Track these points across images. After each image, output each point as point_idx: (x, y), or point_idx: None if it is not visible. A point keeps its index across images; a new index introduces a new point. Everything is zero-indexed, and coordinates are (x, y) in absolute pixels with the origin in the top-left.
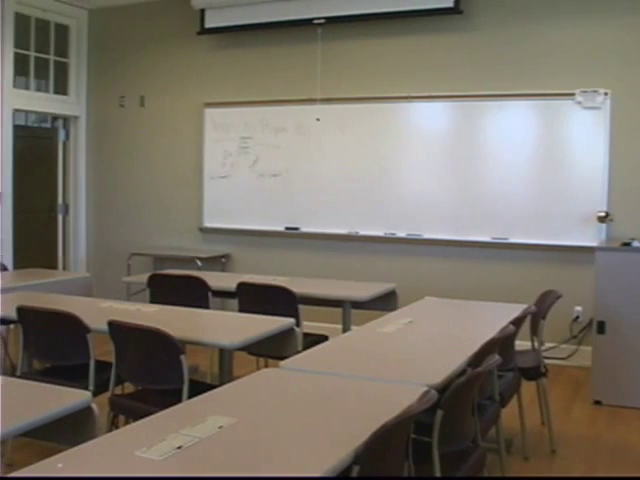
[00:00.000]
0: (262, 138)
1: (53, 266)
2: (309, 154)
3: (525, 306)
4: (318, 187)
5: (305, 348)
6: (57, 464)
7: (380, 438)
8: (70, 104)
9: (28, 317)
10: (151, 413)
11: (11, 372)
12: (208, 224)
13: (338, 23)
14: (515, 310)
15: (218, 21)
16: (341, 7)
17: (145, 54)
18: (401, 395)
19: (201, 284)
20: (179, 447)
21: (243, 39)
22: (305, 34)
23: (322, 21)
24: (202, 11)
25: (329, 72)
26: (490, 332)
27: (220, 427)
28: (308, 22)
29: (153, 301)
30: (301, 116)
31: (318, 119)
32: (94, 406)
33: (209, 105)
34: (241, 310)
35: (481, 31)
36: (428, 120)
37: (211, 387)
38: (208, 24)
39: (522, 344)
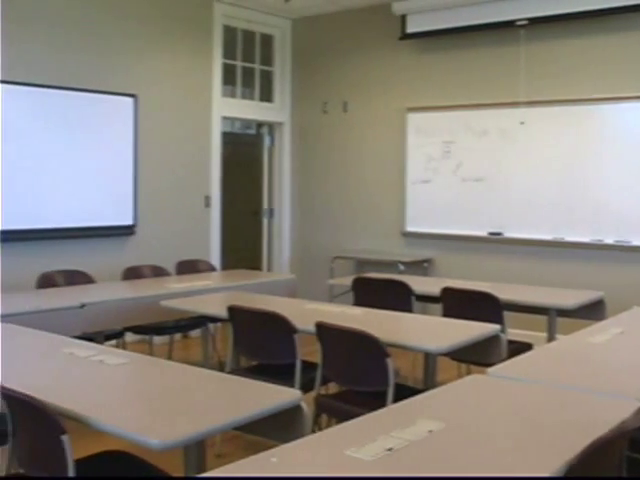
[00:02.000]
0: (465, 142)
1: (257, 267)
2: (513, 158)
3: None
4: (522, 192)
5: (509, 356)
6: (271, 458)
7: (594, 453)
8: (275, 111)
9: (238, 316)
10: (355, 414)
11: (219, 368)
12: (410, 228)
13: (541, 23)
14: None
15: (419, 26)
16: (544, 7)
17: (347, 60)
18: (613, 409)
19: (404, 288)
20: (389, 449)
21: (444, 43)
22: (507, 36)
23: (525, 22)
24: (403, 17)
25: (533, 74)
26: None
27: (430, 431)
28: (510, 24)
29: (357, 303)
30: (504, 119)
31: (522, 122)
32: (304, 405)
33: (411, 110)
34: (445, 315)
35: None
36: (636, 122)
37: (415, 391)
38: (409, 29)
39: None
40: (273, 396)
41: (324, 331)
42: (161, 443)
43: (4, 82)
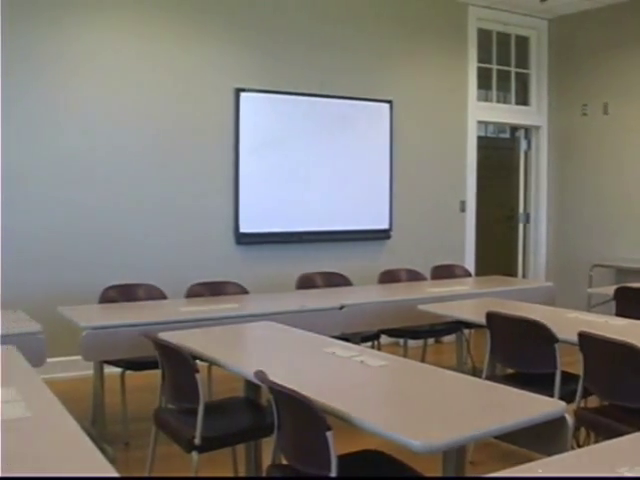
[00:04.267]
0: None
1: (512, 274)
2: None
3: None
4: None
5: None
6: (538, 470)
7: None
8: (531, 114)
9: (497, 323)
10: (621, 431)
11: (472, 374)
12: None
13: None
14: None
15: None
16: None
17: (608, 60)
18: None
19: None
20: None
21: None
22: None
23: None
24: None
25: None
26: None
27: None
28: None
29: (618, 314)
30: None
31: None
32: (568, 417)
33: None
34: None
35: None
36: None
37: None
38: None
39: None
40: (536, 406)
41: (588, 342)
42: (423, 446)
43: (271, 92)
